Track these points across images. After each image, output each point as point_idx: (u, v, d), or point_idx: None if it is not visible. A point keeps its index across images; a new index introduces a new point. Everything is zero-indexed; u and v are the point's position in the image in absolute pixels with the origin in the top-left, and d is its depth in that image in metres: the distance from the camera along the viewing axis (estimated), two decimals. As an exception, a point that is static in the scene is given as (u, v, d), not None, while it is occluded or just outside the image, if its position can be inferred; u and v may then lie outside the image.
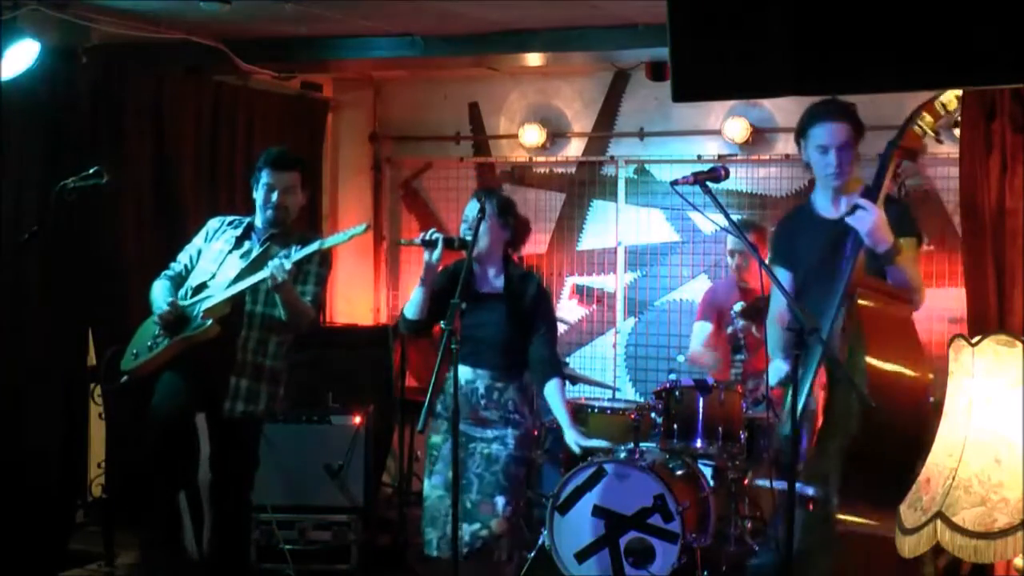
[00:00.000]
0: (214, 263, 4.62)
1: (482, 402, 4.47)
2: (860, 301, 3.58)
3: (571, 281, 7.02)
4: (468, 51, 6.15)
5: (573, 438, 4.46)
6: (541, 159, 7.08)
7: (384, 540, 5.84)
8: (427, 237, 4.36)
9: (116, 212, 5.77)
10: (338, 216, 7.53)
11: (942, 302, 6.07)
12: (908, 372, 3.54)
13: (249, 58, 6.19)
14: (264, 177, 4.59)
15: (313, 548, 5.49)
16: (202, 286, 4.57)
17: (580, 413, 5.54)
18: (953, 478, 2.67)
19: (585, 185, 7.01)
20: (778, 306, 4.02)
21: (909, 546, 2.76)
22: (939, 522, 2.66)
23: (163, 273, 4.72)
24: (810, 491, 3.61)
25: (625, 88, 6.90)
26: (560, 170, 7.09)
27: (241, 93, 6.56)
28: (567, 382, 5.98)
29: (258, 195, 4.63)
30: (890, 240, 3.67)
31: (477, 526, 4.37)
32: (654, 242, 6.85)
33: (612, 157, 6.94)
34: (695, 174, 3.68)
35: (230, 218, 4.78)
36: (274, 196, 4.59)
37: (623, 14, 5.46)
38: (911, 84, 2.69)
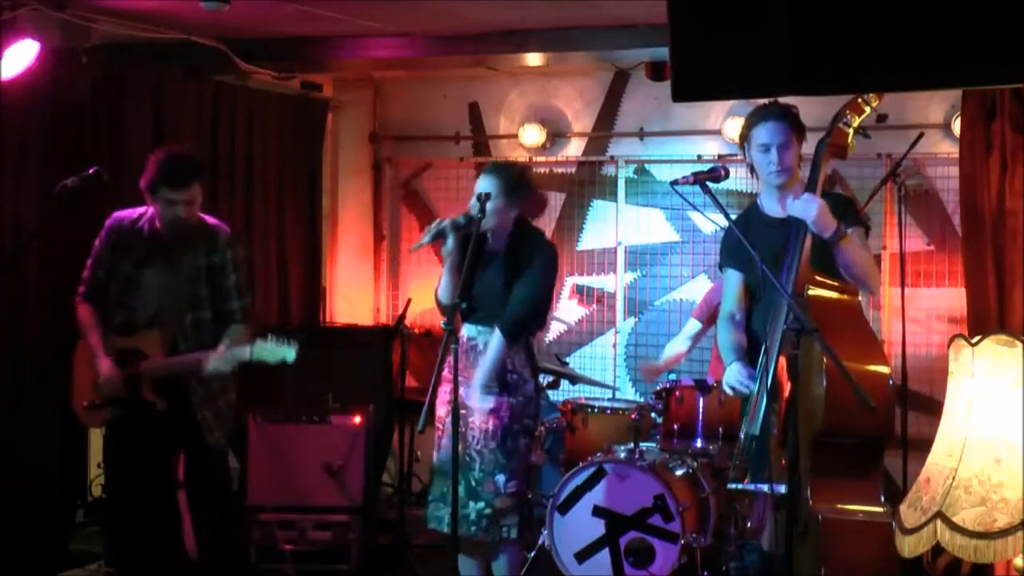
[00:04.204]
0: (133, 287, 4.55)
1: (480, 360, 4.44)
2: (811, 293, 3.67)
3: (571, 281, 7.01)
4: (468, 51, 6.14)
5: (476, 398, 4.39)
6: (541, 159, 7.08)
7: (384, 540, 5.83)
8: (435, 232, 4.34)
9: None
10: (338, 216, 7.52)
11: (942, 302, 6.08)
12: (865, 361, 3.61)
13: (249, 58, 6.18)
14: (163, 193, 4.38)
15: (313, 548, 5.49)
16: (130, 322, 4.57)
17: (580, 413, 5.54)
18: (953, 478, 2.67)
19: (585, 185, 7.01)
20: (730, 308, 4.09)
21: (909, 546, 2.77)
22: (939, 522, 2.67)
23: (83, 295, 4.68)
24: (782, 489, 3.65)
25: (625, 88, 6.89)
26: (560, 170, 7.08)
27: (241, 93, 6.55)
28: (568, 381, 6.04)
29: (159, 210, 4.44)
30: (834, 224, 3.75)
31: (482, 505, 4.41)
32: (654, 242, 6.84)
33: (612, 157, 6.94)
34: (695, 174, 3.71)
35: (127, 220, 4.61)
36: (177, 211, 4.41)
37: (623, 14, 5.45)
38: (909, 84, 2.70)
